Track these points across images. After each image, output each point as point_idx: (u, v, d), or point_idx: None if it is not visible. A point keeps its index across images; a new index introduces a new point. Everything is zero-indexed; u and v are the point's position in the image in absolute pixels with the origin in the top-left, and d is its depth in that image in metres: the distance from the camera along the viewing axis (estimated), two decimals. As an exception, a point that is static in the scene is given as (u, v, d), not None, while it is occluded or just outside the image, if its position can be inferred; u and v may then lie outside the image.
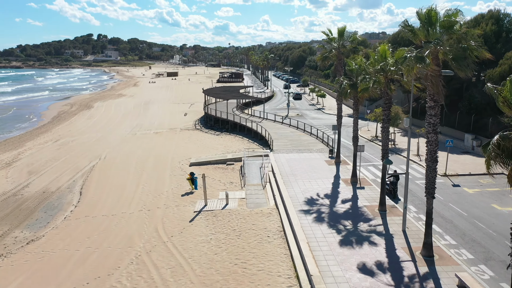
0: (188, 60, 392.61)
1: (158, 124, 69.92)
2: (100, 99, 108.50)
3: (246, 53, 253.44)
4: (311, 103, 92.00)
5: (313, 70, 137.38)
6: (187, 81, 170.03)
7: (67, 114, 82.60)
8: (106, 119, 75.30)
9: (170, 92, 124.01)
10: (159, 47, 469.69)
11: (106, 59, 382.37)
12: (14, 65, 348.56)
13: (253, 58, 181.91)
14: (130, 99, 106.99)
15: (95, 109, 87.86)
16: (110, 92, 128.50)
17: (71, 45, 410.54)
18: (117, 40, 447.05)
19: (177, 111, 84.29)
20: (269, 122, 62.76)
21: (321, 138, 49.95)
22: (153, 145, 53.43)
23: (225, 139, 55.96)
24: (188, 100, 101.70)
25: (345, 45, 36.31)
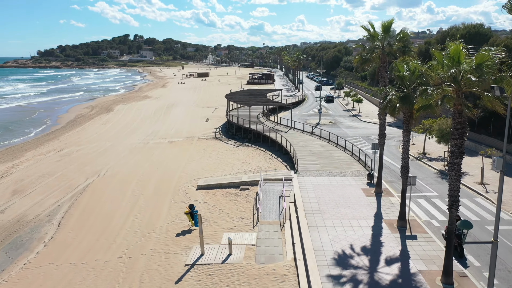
0: (221, 60, 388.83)
1: (176, 131, 63.36)
2: (124, 101, 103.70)
3: (279, 53, 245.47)
4: (346, 108, 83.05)
5: (348, 71, 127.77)
6: (217, 82, 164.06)
7: (83, 118, 77.66)
8: (122, 124, 69.58)
9: (196, 94, 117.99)
10: (193, 47, 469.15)
11: (141, 59, 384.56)
12: (53, 65, 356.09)
13: (285, 58, 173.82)
14: (154, 102, 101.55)
15: (114, 113, 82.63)
16: (136, 94, 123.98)
17: (108, 46, 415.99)
18: (152, 41, 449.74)
19: (199, 115, 77.66)
20: (297, 132, 54.67)
21: (357, 155, 41.43)
22: (163, 158, 46.70)
23: (245, 152, 48.47)
24: (214, 103, 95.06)
25: (391, 44, 27.93)
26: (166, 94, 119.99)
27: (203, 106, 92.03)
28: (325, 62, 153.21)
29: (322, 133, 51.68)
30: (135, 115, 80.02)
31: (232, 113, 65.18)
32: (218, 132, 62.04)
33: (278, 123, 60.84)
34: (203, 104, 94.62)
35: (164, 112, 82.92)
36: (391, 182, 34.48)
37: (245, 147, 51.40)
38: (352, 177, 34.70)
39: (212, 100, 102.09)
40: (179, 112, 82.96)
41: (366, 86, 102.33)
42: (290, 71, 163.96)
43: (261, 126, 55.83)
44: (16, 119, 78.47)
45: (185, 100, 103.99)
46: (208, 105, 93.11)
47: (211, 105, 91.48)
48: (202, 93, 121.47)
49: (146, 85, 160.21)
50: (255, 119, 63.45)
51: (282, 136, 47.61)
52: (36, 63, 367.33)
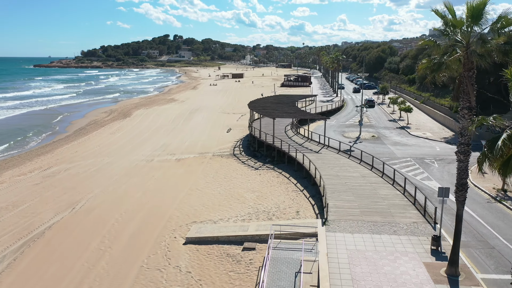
0: (259, 61, 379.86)
1: (189, 144, 53.99)
2: (147, 105, 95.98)
3: (317, 53, 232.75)
4: (391, 117, 70.71)
5: (393, 74, 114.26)
6: (250, 84, 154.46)
7: (95, 125, 70.01)
8: (133, 134, 61.08)
9: (225, 98, 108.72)
10: (232, 47, 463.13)
11: (179, 59, 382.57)
12: (94, 65, 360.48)
13: (323, 59, 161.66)
14: (178, 106, 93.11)
15: (130, 119, 74.57)
16: (163, 96, 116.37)
17: (148, 46, 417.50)
18: (191, 41, 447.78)
19: (221, 124, 68.07)
20: (331, 152, 43.58)
21: (413, 194, 29.90)
22: (161, 185, 37.27)
23: (263, 178, 38.17)
24: (241, 108, 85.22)
25: (484, 39, 16.65)
26: (193, 97, 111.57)
27: (229, 112, 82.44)
28: (367, 63, 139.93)
29: (363, 155, 40.32)
30: (152, 122, 71.54)
31: (255, 124, 55.02)
32: (238, 146, 52.10)
33: (309, 139, 49.94)
34: (229, 110, 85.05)
35: (184, 119, 73.98)
36: (467, 246, 23.00)
37: (265, 170, 41.05)
38: (407, 236, 23.49)
39: (240, 105, 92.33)
40: (201, 119, 73.73)
41: (414, 91, 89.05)
42: (328, 72, 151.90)
43: (287, 143, 45.32)
44: (30, 124, 72.03)
45: (212, 104, 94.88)
46: (235, 110, 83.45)
47: (237, 111, 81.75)
48: (232, 96, 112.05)
49: (176, 87, 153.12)
50: (282, 133, 52.97)
51: (310, 161, 36.73)
52: (78, 63, 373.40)
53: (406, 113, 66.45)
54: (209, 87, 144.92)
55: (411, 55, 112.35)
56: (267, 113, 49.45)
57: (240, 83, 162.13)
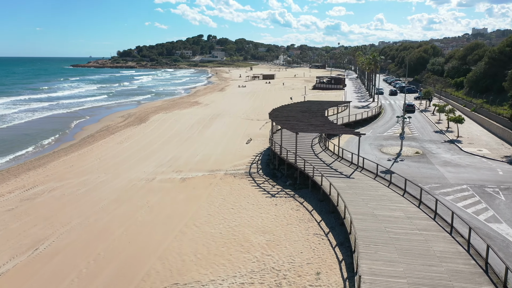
0: (293, 61, 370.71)
1: (201, 158, 46.87)
2: (168, 108, 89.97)
3: (353, 53, 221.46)
4: (438, 128, 60.88)
5: (437, 76, 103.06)
6: (281, 86, 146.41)
7: (106, 131, 64.25)
8: (142, 143, 54.65)
9: (252, 101, 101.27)
10: (265, 47, 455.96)
11: (212, 60, 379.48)
12: (129, 65, 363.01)
13: (359, 59, 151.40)
14: (200, 110, 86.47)
15: (146, 125, 68.41)
16: (187, 99, 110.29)
17: (181, 46, 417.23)
18: (224, 41, 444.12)
19: (242, 133, 60.68)
20: (366, 177, 34.99)
21: (481, 249, 21.17)
22: (153, 217, 30.22)
23: (279, 211, 30.39)
24: (267, 114, 77.55)
25: None
26: (218, 100, 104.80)
27: (253, 118, 74.87)
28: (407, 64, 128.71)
29: (408, 182, 31.55)
30: (167, 129, 65.02)
31: (277, 137, 47.14)
32: (256, 162, 44.50)
33: (339, 157, 41.44)
34: (254, 115, 77.48)
35: (203, 126, 67.05)
36: None
37: (283, 198, 33.22)
38: None
39: (266, 110, 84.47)
40: (221, 126, 66.58)
41: (463, 97, 78.28)
42: (364, 74, 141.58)
43: (312, 163, 37.26)
44: (42, 130, 67.15)
45: (236, 108, 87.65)
46: (259, 116, 75.82)
47: (262, 117, 74.05)
48: (259, 100, 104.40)
49: (204, 88, 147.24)
50: (307, 148, 44.84)
51: (339, 194, 28.42)
52: (114, 63, 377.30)
53: (456, 124, 56.53)
54: (237, 89, 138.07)
55: (458, 55, 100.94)
56: (290, 126, 41.42)
57: (270, 84, 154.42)
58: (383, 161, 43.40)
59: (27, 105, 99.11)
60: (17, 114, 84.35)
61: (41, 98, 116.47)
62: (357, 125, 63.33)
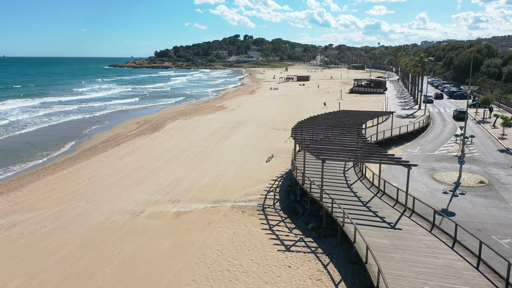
0: (330, 61, 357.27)
1: (208, 182, 38.43)
2: (188, 114, 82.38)
3: (394, 53, 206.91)
4: (504, 146, 49.38)
5: (494, 80, 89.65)
6: (315, 89, 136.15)
7: (113, 141, 57.17)
8: (145, 159, 46.86)
9: (281, 107, 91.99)
10: (302, 47, 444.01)
11: (247, 60, 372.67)
12: (165, 65, 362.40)
13: (402, 60, 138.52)
14: (223, 116, 78.27)
15: (158, 134, 60.87)
16: (213, 103, 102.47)
17: (217, 46, 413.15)
18: (261, 41, 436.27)
19: (263, 147, 51.82)
20: (418, 227, 24.75)
21: None
22: (118, 279, 21.96)
23: (293, 278, 21.30)
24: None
25: None
26: (245, 105, 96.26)
27: (279, 127, 65.68)
28: (456, 65, 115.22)
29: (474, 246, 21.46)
30: (180, 140, 57.13)
31: (300, 158, 37.85)
32: (274, 191, 35.56)
33: (380, 190, 31.54)
34: (281, 124, 68.29)
35: (221, 137, 58.66)
36: None
37: (301, 253, 24.12)
38: None
39: (296, 117, 75.28)
40: (241, 138, 57.94)
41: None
42: (407, 75, 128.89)
43: (343, 200, 27.86)
44: (49, 138, 61.32)
45: (262, 115, 78.80)
46: (287, 125, 66.56)
47: (290, 127, 64.79)
48: (289, 105, 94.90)
49: (234, 91, 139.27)
50: (339, 175, 35.27)
51: (380, 269, 18.85)
52: (150, 63, 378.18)
53: (528, 142, 45.02)
54: (268, 92, 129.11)
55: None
56: (315, 150, 32.03)
57: (304, 87, 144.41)
58: (437, 194, 33.30)
59: (49, 109, 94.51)
60: (35, 119, 79.27)
61: (68, 101, 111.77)
62: (401, 139, 52.90)
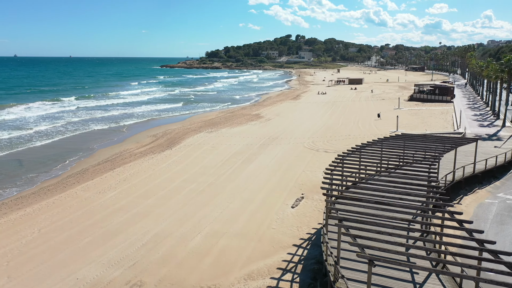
0: (386, 62, 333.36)
1: (199, 242, 26.11)
2: (216, 125, 70.65)
3: (462, 54, 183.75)
4: None
5: None
6: (368, 94, 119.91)
7: (113, 161, 46.39)
8: (133, 195, 35.31)
9: (327, 117, 77.75)
10: (356, 47, 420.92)
11: (298, 61, 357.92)
12: (215, 66, 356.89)
13: (472, 62, 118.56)
14: (255, 129, 65.70)
15: (169, 154, 49.46)
16: (249, 110, 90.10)
17: (268, 47, 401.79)
18: (313, 41, 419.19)
19: (294, 180, 38.66)
20: None
21: None
22: None
23: None
24: (342, 141, 54.20)
25: None
26: (285, 113, 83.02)
27: (320, 147, 51.86)
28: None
29: None
30: (192, 163, 45.23)
31: (334, 230, 24.19)
32: (294, 270, 22.48)
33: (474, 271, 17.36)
34: (323, 143, 54.46)
35: (242, 161, 46.07)
36: None
37: None
38: None
39: (343, 132, 61.07)
40: (267, 163, 44.98)
41: None
42: (478, 79, 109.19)
43: None
44: (50, 154, 52.61)
45: (302, 128, 65.32)
46: (330, 145, 52.79)
47: (333, 147, 51.00)
48: (336, 114, 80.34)
49: (277, 95, 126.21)
50: (396, 245, 21.22)
51: None
52: (200, 64, 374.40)
53: None
54: (314, 97, 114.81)
55: None
56: (357, 235, 18.46)
57: (355, 91, 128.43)
58: None
59: (80, 115, 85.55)
60: (57, 129, 70.06)
61: (104, 106, 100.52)
62: (488, 175, 37.44)
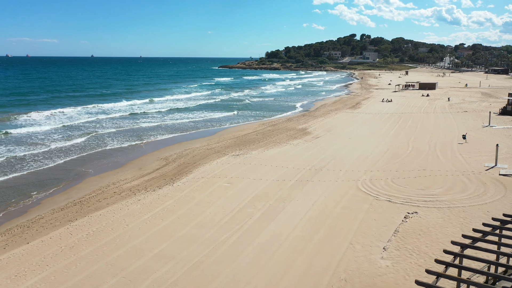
0: (462, 64, 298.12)
1: None
2: (248, 144, 56.10)
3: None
4: None
5: None
6: (444, 102, 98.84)
7: (81, 206, 33.55)
8: (71, 281, 22.07)
9: (393, 137, 60.01)
10: (427, 47, 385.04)
11: (362, 61, 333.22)
12: (273, 67, 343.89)
13: None
14: (295, 152, 50.25)
15: (166, 193, 35.87)
16: (294, 123, 74.19)
17: (330, 47, 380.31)
18: (379, 40, 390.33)
19: (338, 266, 23.03)
20: None
21: None
22: None
23: None
24: (419, 175, 37.03)
25: None
26: (338, 129, 66.32)
27: (380, 189, 35.17)
28: None
29: None
30: (184, 218, 30.77)
31: None
32: None
33: None
34: (385, 181, 37.67)
35: (263, 212, 30.95)
36: None
37: None
38: None
39: (414, 162, 43.49)
40: (298, 221, 29.42)
41: None
42: None
43: None
44: (39, 178, 41.85)
45: (357, 153, 48.72)
46: (397, 183, 36.02)
47: (401, 191, 34.25)
48: (405, 133, 62.07)
49: (333, 102, 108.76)
50: None
51: None
52: (259, 64, 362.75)
53: None
54: (377, 106, 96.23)
55: None
56: None
57: (428, 99, 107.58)
58: None
59: (96, 127, 76.10)
60: (67, 148, 61.51)
61: (137, 115, 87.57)
62: None
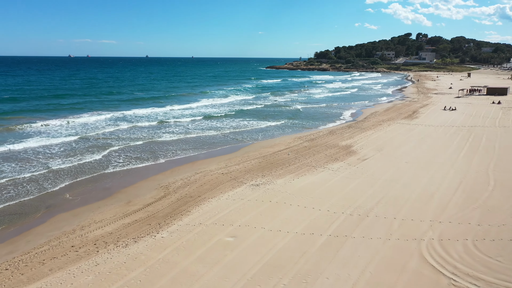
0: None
1: None
2: (276, 166, 44.28)
3: None
4: None
5: None
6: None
7: (15, 270, 23.86)
8: None
9: (463, 161, 45.32)
10: (492, 46, 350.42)
11: (417, 62, 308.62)
12: (322, 68, 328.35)
13: None
14: (337, 181, 37.75)
15: (143, 249, 25.13)
16: (335, 139, 60.96)
17: (383, 47, 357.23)
18: (437, 40, 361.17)
19: None
20: None
21: None
22: None
23: None
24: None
25: None
26: (391, 147, 52.54)
27: (459, 269, 22.21)
28: None
29: None
30: None
31: None
32: None
33: None
34: (466, 246, 24.34)
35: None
36: None
37: None
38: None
39: (505, 206, 29.68)
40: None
41: None
42: None
43: None
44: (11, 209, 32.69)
45: (419, 190, 35.35)
46: (487, 255, 22.72)
47: (492, 268, 21.06)
48: (481, 154, 47.00)
49: (384, 110, 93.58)
50: None
51: None
52: (307, 65, 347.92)
53: None
54: (439, 115, 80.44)
55: None
56: None
57: (501, 107, 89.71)
58: None
59: (109, 139, 68.18)
60: (69, 168, 53.34)
61: (161, 125, 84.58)
62: None
